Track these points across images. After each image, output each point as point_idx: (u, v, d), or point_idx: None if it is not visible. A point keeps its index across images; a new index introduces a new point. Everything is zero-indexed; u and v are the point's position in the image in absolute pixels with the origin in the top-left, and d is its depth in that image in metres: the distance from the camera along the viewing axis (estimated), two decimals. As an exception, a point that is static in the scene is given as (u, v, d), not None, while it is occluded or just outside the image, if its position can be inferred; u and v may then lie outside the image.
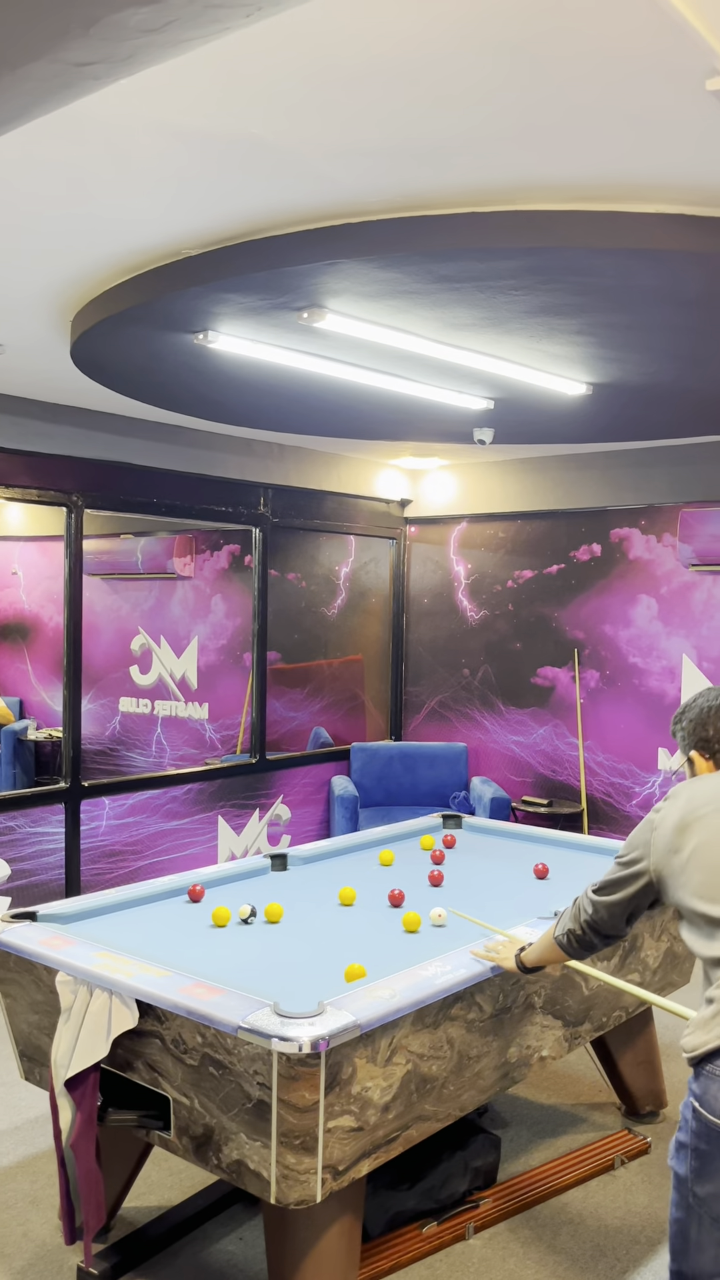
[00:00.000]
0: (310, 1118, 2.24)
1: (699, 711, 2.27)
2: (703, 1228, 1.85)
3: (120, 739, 7.61)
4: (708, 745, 2.24)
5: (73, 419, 4.93)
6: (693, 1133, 1.88)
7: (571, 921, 2.42)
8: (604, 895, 2.31)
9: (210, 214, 2.45)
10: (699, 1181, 1.86)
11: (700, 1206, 1.86)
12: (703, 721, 2.25)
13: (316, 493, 6.24)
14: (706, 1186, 1.84)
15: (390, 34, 1.73)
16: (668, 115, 1.97)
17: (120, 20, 1.07)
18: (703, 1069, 1.90)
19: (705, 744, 2.24)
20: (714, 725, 2.23)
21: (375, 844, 4.06)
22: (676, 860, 2.08)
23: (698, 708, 2.28)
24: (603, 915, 2.32)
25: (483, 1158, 3.13)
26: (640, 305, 2.75)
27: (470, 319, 2.92)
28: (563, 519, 6.14)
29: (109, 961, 2.60)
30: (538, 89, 1.90)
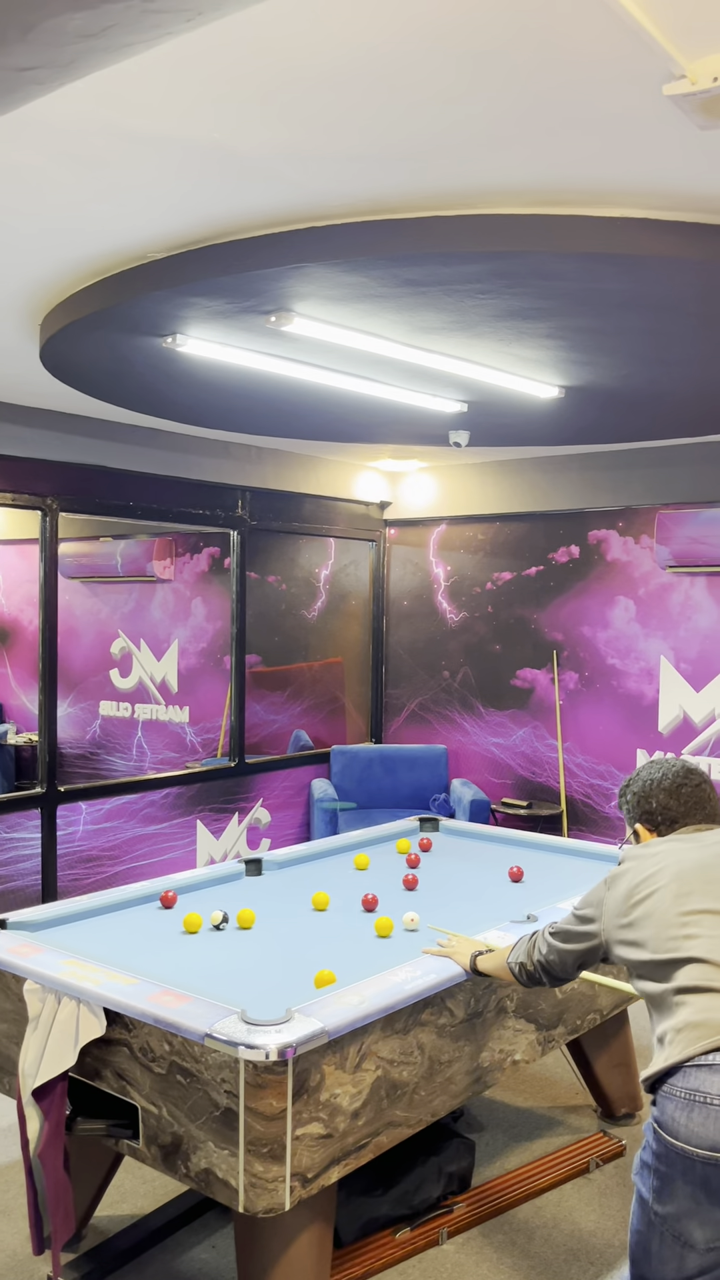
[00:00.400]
0: (278, 1125, 2.23)
1: (643, 785, 2.30)
2: (664, 1243, 1.85)
3: (101, 743, 7.58)
4: (651, 819, 2.27)
5: (47, 422, 4.91)
6: (654, 1153, 1.88)
7: (525, 955, 2.44)
8: (558, 941, 2.32)
9: (175, 218, 2.44)
10: (659, 1201, 1.85)
11: (662, 1224, 1.85)
12: (646, 795, 2.28)
13: (295, 495, 6.23)
14: (667, 1206, 1.84)
15: (349, 40, 1.72)
16: (629, 121, 1.96)
17: (57, 25, 1.06)
18: (659, 1090, 1.90)
19: (649, 817, 2.28)
20: (657, 799, 2.26)
21: (351, 848, 4.05)
22: (626, 932, 2.10)
23: (641, 781, 2.31)
24: (554, 960, 2.33)
25: (457, 1162, 3.13)
26: (607, 309, 2.75)
27: (439, 322, 2.91)
28: (541, 521, 6.15)
29: (77, 969, 2.58)
30: (500, 94, 1.89)
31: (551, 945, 2.33)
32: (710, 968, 1.93)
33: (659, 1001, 2.00)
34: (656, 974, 2.01)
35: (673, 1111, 1.83)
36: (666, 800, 2.25)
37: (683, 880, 2.06)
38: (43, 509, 4.99)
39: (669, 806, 2.25)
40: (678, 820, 2.24)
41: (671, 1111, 1.84)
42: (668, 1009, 1.96)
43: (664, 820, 2.26)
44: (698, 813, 2.25)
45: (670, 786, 2.26)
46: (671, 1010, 1.95)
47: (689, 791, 2.26)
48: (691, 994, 1.92)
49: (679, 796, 2.25)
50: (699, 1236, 1.81)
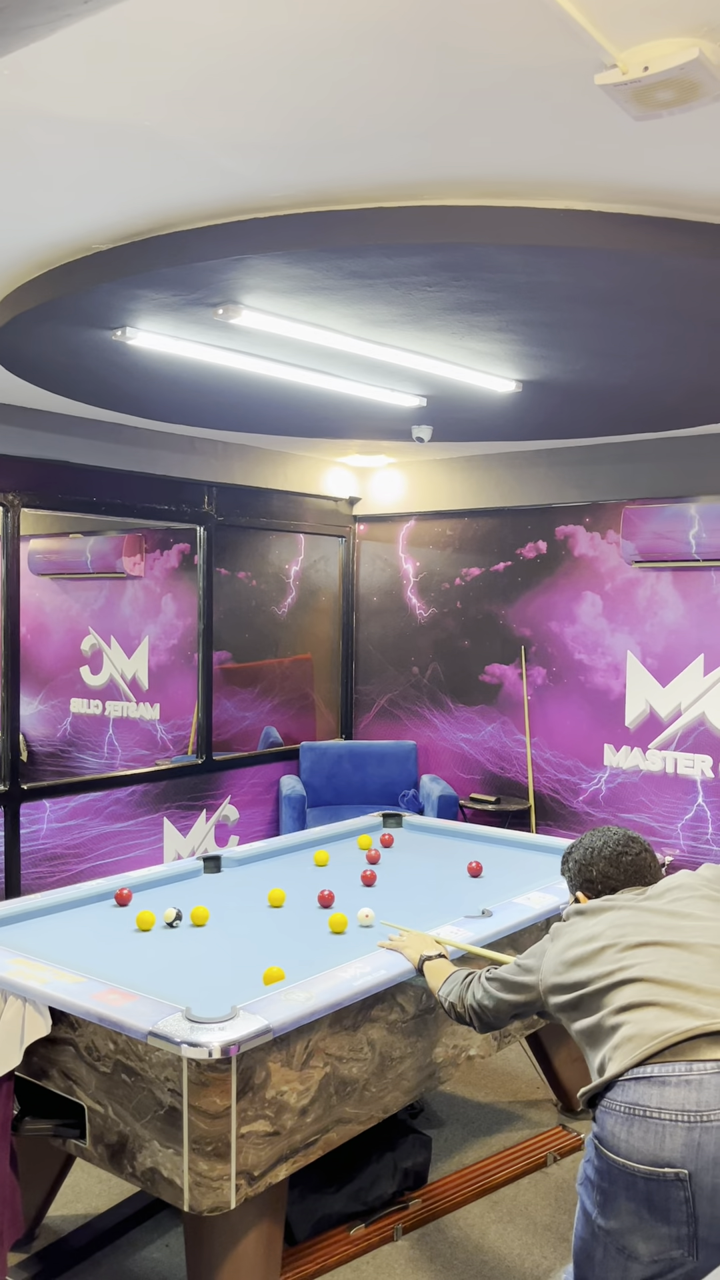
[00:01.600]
0: (222, 1124, 2.22)
1: (584, 853, 2.33)
2: (608, 1254, 1.83)
3: (72, 740, 7.54)
4: (591, 886, 2.30)
5: (7, 417, 4.86)
6: (595, 1169, 1.85)
7: (457, 996, 2.43)
8: (496, 989, 2.32)
9: (116, 208, 2.41)
10: (603, 1216, 1.83)
11: (606, 1237, 1.83)
12: (587, 863, 2.31)
13: (263, 491, 6.20)
14: (611, 1221, 1.81)
15: (276, 27, 1.70)
16: (565, 111, 1.95)
17: (-54, 4, 1.04)
18: (598, 1105, 1.88)
19: (589, 885, 2.30)
20: (597, 868, 2.30)
21: (313, 844, 4.03)
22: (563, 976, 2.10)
23: (583, 849, 2.34)
24: (489, 1006, 2.33)
25: (412, 1158, 3.12)
26: (554, 302, 2.74)
27: (389, 315, 2.90)
28: (509, 516, 6.14)
29: (23, 968, 2.56)
30: (433, 84, 1.88)
31: (488, 991, 2.34)
32: (650, 985, 1.92)
33: (595, 1032, 1.98)
34: (592, 1005, 2.00)
35: (612, 1126, 1.81)
36: (607, 868, 2.29)
37: (619, 925, 2.09)
38: (4, 505, 4.94)
39: (609, 875, 2.28)
40: (617, 889, 2.28)
41: (611, 1126, 1.81)
42: (605, 1034, 1.94)
43: (604, 888, 2.29)
44: (637, 881, 2.28)
45: (611, 855, 2.30)
46: (609, 1034, 1.93)
47: (629, 861, 2.29)
48: (630, 1011, 1.91)
49: (619, 865, 2.29)
50: (643, 1250, 1.78)
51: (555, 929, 2.24)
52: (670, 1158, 1.72)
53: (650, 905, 2.15)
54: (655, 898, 2.19)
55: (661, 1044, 1.79)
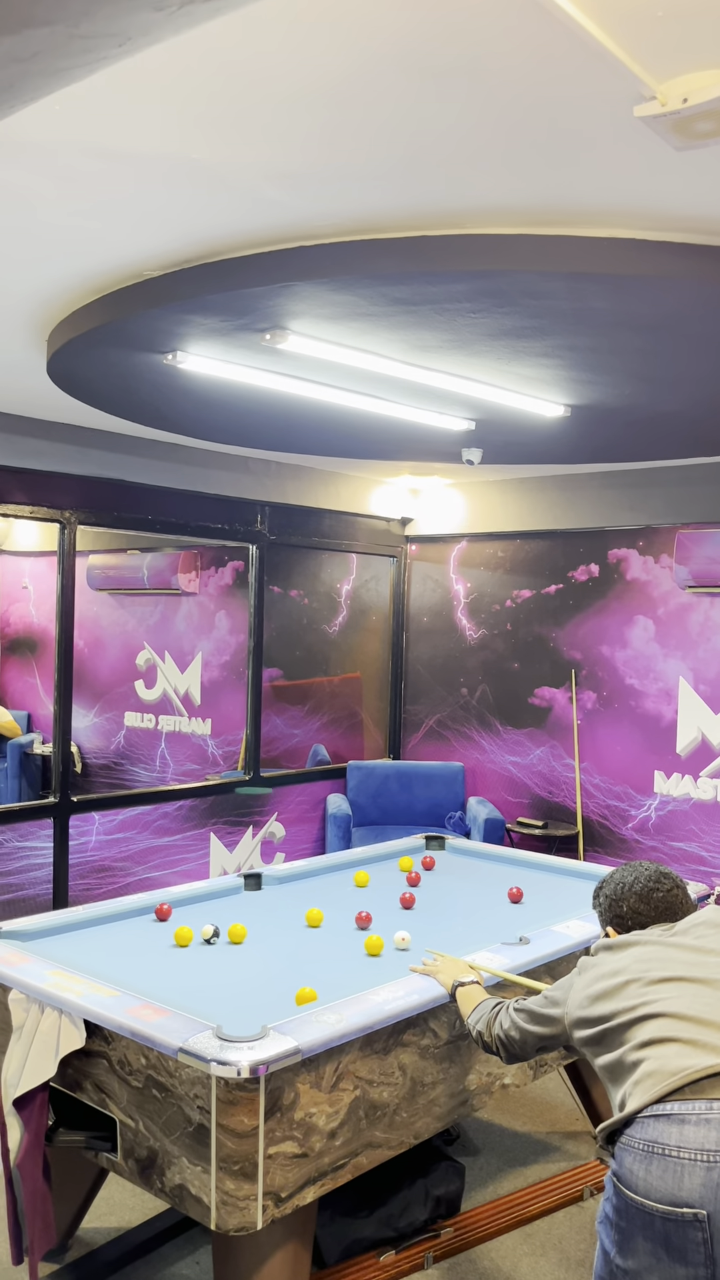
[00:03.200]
0: (249, 1143, 2.23)
1: (615, 888, 2.33)
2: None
3: (125, 753, 7.64)
4: (621, 923, 2.29)
5: (66, 436, 4.97)
6: (614, 1207, 1.82)
7: (484, 1025, 2.43)
8: (523, 1020, 2.32)
9: (166, 236, 2.47)
10: (621, 1255, 1.80)
11: (623, 1276, 1.80)
12: (617, 899, 2.31)
13: (315, 510, 6.25)
14: (628, 1261, 1.78)
15: (318, 61, 1.73)
16: (606, 141, 1.96)
17: (-15, 51, 1.08)
18: (617, 1141, 1.86)
19: (620, 921, 2.30)
20: (628, 904, 2.29)
21: (353, 864, 4.03)
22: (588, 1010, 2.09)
23: (614, 884, 2.34)
24: (515, 1037, 2.33)
25: (445, 1186, 3.10)
26: (600, 328, 2.74)
27: (435, 341, 2.92)
28: (561, 539, 6.11)
29: (61, 980, 2.59)
30: (474, 115, 1.90)
31: (515, 1022, 2.33)
32: (673, 1020, 1.89)
33: (617, 1068, 1.95)
34: (615, 1040, 1.99)
35: (630, 1164, 1.78)
36: (637, 905, 2.28)
37: (644, 960, 2.08)
38: (61, 522, 5.05)
39: (639, 911, 2.27)
40: (647, 924, 2.26)
41: (629, 1164, 1.78)
42: (626, 1070, 1.92)
43: (634, 924, 2.27)
44: (667, 918, 2.27)
45: (642, 892, 2.29)
46: (630, 1070, 1.91)
47: (660, 897, 2.28)
48: (651, 1046, 1.88)
49: (650, 902, 2.28)
50: None
51: (582, 963, 2.23)
52: (688, 1198, 1.69)
53: (676, 941, 2.12)
54: (682, 933, 2.16)
55: (681, 1080, 1.76)
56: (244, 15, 1.60)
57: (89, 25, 1.06)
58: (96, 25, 1.07)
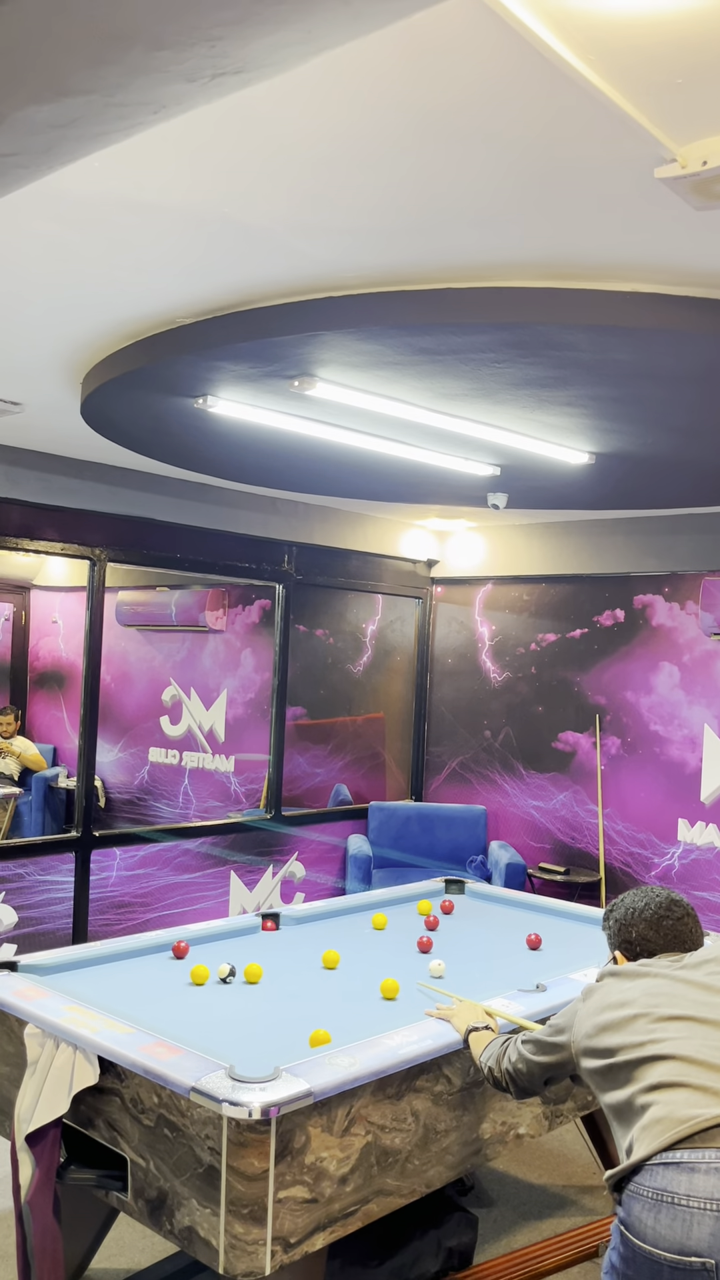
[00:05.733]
0: (259, 1186, 2.22)
1: (625, 913, 2.31)
2: None
3: (148, 789, 7.66)
4: (630, 948, 2.27)
5: (97, 475, 5.06)
6: (620, 1256, 1.81)
7: (495, 1060, 2.43)
8: (529, 1051, 2.32)
9: (197, 285, 2.54)
10: None
11: None
12: (627, 924, 2.29)
13: (341, 551, 6.30)
14: None
15: (356, 122, 1.79)
16: (627, 200, 2.00)
17: (26, 117, 1.14)
18: (624, 1189, 1.84)
19: (628, 946, 2.27)
20: (637, 929, 2.27)
21: (372, 907, 4.02)
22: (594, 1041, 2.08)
23: (624, 908, 2.32)
24: (523, 1069, 2.33)
25: (458, 1237, 3.06)
26: (623, 379, 2.77)
27: (460, 389, 2.96)
28: (587, 583, 6.12)
29: (76, 1016, 2.60)
30: (502, 177, 1.95)
31: (522, 1055, 2.33)
32: (678, 1063, 1.88)
33: (625, 1110, 1.94)
34: (622, 1078, 1.97)
35: (639, 1212, 1.76)
36: (646, 931, 2.26)
37: (653, 994, 2.06)
38: (91, 559, 5.12)
39: (648, 938, 2.25)
40: (655, 953, 2.24)
41: (638, 1212, 1.77)
42: (634, 1114, 1.91)
43: (643, 951, 2.26)
44: (676, 947, 2.25)
45: (652, 918, 2.27)
46: (638, 1113, 1.89)
47: (670, 925, 2.26)
48: (660, 1091, 1.87)
49: (659, 929, 2.26)
50: None
51: (587, 989, 2.21)
52: (697, 1247, 1.68)
53: (686, 976, 2.10)
54: (692, 967, 2.14)
55: (691, 1129, 1.75)
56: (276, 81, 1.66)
57: (124, 95, 1.12)
58: (131, 95, 1.12)
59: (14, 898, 4.87)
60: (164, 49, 1.00)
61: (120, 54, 1.01)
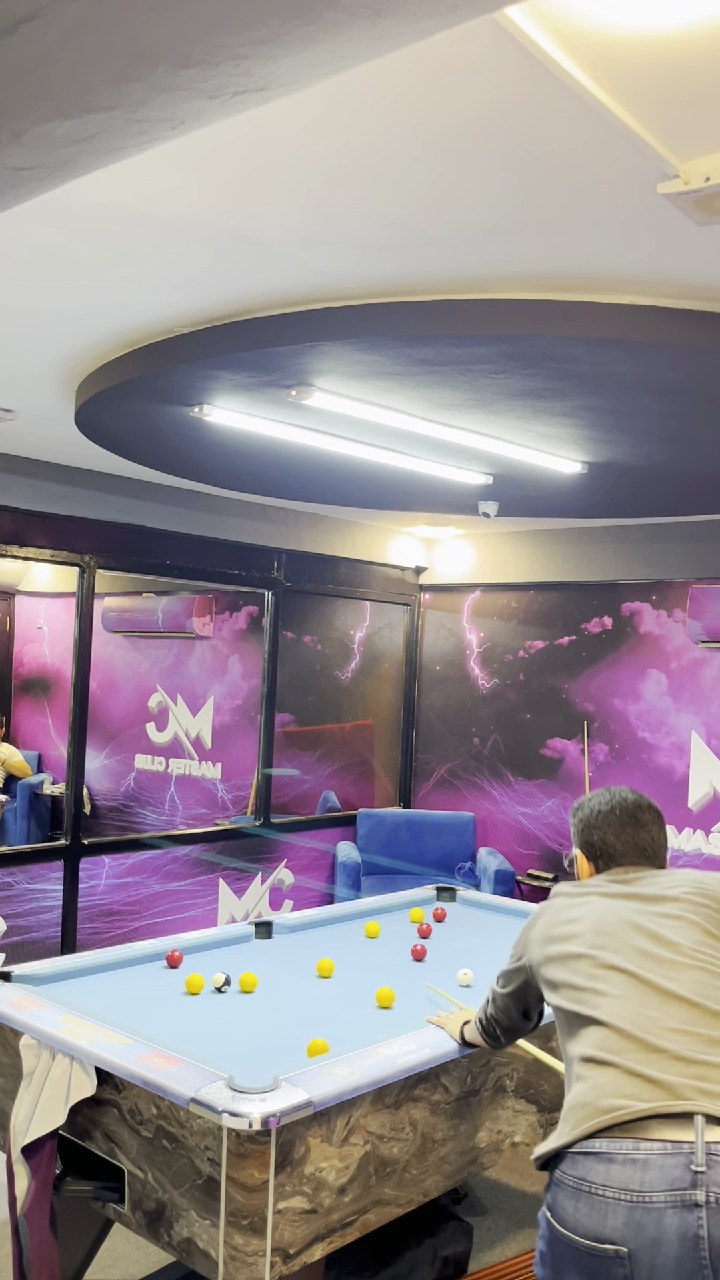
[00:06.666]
0: (259, 1197, 2.21)
1: (588, 814, 2.22)
2: None
3: (135, 796, 7.63)
4: (590, 850, 2.19)
5: (87, 482, 5.05)
6: (546, 1241, 1.81)
7: (481, 1010, 2.45)
8: (499, 985, 2.34)
9: (197, 295, 2.54)
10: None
11: None
12: (588, 825, 2.20)
13: (330, 558, 6.30)
14: None
15: (364, 138, 1.80)
16: (629, 215, 2.02)
17: (46, 132, 1.14)
18: (551, 1174, 1.84)
19: (589, 848, 2.20)
20: (598, 832, 2.17)
21: (364, 915, 4.02)
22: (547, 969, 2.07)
23: (588, 809, 2.23)
24: (500, 1007, 2.35)
25: (453, 1246, 3.06)
26: (619, 391, 2.79)
27: (456, 400, 2.98)
28: (575, 591, 6.15)
29: (73, 1026, 2.59)
30: (507, 191, 1.96)
31: (495, 993, 2.34)
32: (612, 1034, 1.85)
33: (569, 1069, 1.95)
34: (568, 1029, 1.97)
35: (562, 1200, 1.77)
36: (607, 835, 2.16)
37: (601, 933, 1.99)
38: (81, 565, 5.11)
39: (610, 844, 2.16)
40: (615, 859, 2.15)
41: (561, 1200, 1.77)
42: (571, 1080, 1.92)
43: (603, 855, 2.17)
44: (639, 856, 2.15)
45: (615, 824, 2.16)
46: (572, 1083, 1.90)
47: (632, 832, 2.16)
48: (590, 1066, 1.85)
49: (622, 836, 2.15)
50: None
51: (539, 909, 2.18)
52: (611, 1235, 1.69)
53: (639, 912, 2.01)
54: (648, 900, 2.04)
55: (612, 1120, 1.75)
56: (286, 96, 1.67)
57: (146, 111, 1.12)
58: (153, 111, 1.12)
59: (2, 906, 4.84)
60: (190, 67, 1.00)
61: (145, 72, 1.01)
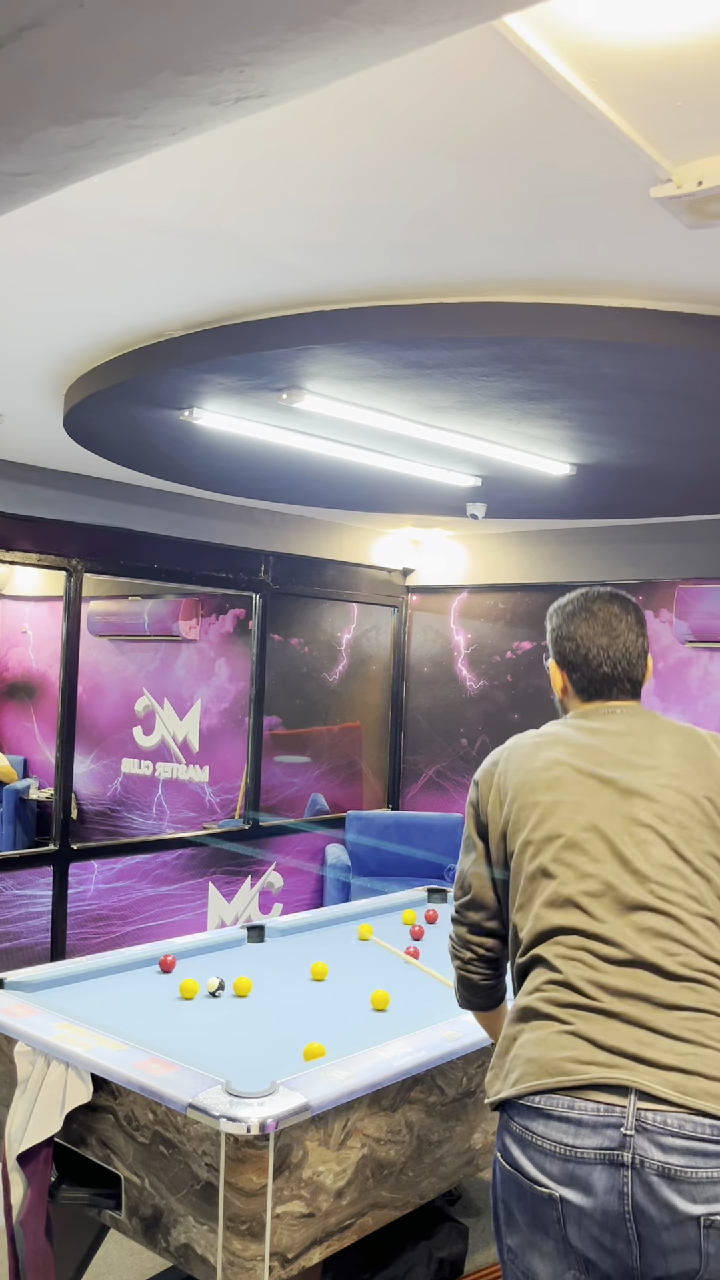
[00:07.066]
0: (258, 1202, 2.21)
1: (561, 619, 1.98)
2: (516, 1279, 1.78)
3: (121, 800, 7.61)
4: (563, 660, 1.95)
5: (74, 485, 5.03)
6: (499, 1181, 1.80)
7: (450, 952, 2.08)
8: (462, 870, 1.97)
9: (188, 299, 2.54)
10: (506, 1233, 1.78)
11: (511, 1260, 1.77)
12: (559, 636, 1.97)
13: (318, 560, 6.30)
14: (511, 1238, 1.76)
15: (348, 142, 1.80)
16: (620, 219, 2.03)
17: (46, 138, 1.14)
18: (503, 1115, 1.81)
19: (561, 659, 1.96)
20: (569, 645, 1.93)
21: (356, 917, 4.02)
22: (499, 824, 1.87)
23: (560, 614, 1.99)
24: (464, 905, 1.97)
25: (449, 1247, 3.06)
26: (608, 393, 2.81)
27: (447, 402, 2.98)
28: (562, 591, 6.10)
29: (67, 1033, 2.58)
30: (498, 195, 1.97)
31: (457, 885, 1.99)
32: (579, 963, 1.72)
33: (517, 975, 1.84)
34: (518, 926, 1.83)
35: (509, 1143, 1.77)
36: (580, 646, 1.93)
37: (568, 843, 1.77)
38: (68, 570, 5.09)
39: (582, 656, 1.92)
40: (587, 683, 1.93)
41: (508, 1143, 1.77)
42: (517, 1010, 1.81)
43: (574, 668, 1.94)
44: (613, 681, 1.91)
45: (583, 655, 1.92)
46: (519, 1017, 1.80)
47: (606, 643, 1.91)
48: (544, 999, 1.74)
49: (589, 666, 1.91)
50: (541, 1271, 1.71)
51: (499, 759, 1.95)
52: (547, 1181, 1.70)
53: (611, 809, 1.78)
54: (626, 794, 1.79)
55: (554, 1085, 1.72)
56: (280, 99, 1.67)
57: (147, 117, 1.12)
58: (154, 117, 1.12)
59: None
60: (193, 73, 1.00)
61: (148, 78, 1.01)
